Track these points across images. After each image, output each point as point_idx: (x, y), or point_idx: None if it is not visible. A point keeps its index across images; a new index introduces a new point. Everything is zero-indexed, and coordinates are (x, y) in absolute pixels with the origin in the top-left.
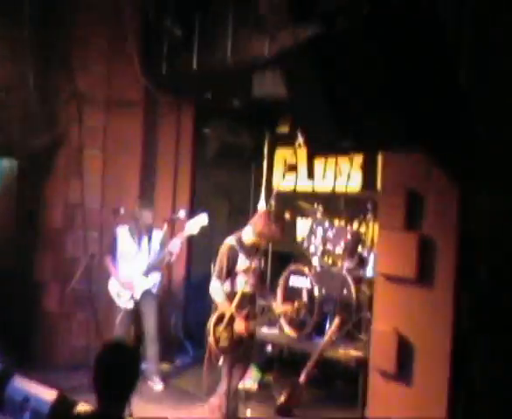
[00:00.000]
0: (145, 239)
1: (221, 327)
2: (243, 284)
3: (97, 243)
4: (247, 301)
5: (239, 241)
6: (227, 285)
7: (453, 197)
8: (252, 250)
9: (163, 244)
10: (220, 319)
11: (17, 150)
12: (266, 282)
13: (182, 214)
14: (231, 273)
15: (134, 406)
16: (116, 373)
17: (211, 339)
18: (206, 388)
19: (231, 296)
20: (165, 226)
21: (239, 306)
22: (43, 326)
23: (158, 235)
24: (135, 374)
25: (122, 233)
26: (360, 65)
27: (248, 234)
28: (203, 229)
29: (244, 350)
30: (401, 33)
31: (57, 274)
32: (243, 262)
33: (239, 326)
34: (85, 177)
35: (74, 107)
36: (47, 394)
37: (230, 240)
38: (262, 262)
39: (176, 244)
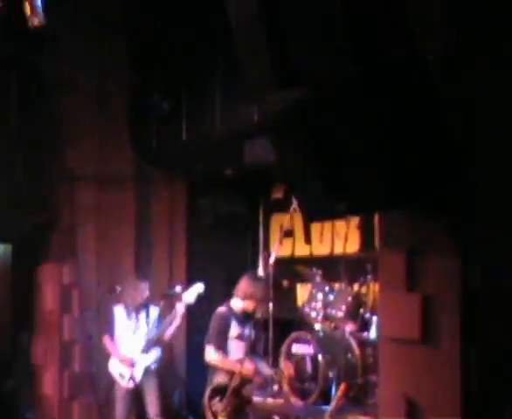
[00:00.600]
0: (142, 315)
1: (216, 400)
2: (238, 350)
3: (94, 323)
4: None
5: (230, 308)
6: (220, 353)
7: (454, 252)
8: (242, 318)
9: (161, 319)
10: (215, 391)
11: (10, 234)
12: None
13: (178, 289)
14: (224, 340)
15: None
16: None
17: (207, 414)
18: None
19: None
20: (161, 302)
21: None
22: (42, 412)
23: (155, 310)
24: None
25: (119, 311)
26: (351, 125)
27: (236, 301)
28: (200, 298)
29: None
30: (392, 91)
31: (54, 357)
32: (235, 329)
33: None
34: (79, 256)
35: (65, 186)
36: None
37: (221, 308)
38: (253, 331)
39: (175, 317)
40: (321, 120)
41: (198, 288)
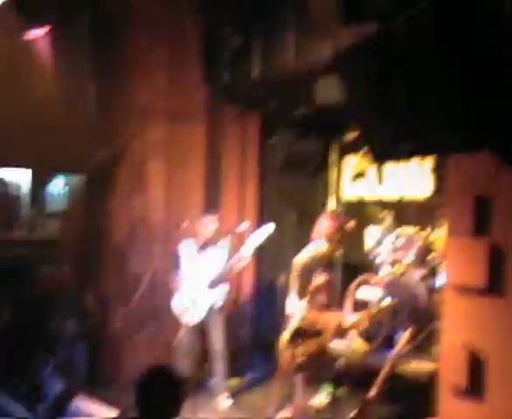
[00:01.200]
0: (210, 252)
1: (297, 342)
2: (320, 299)
3: (161, 257)
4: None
5: (313, 255)
6: (304, 302)
7: None
8: (323, 264)
9: (229, 257)
10: (295, 334)
11: (82, 166)
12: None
13: (246, 226)
14: (304, 290)
15: None
16: (157, 400)
17: (285, 355)
18: (276, 403)
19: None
20: (230, 238)
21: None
22: (108, 343)
23: (224, 247)
24: (177, 400)
25: (187, 247)
26: (421, 62)
27: (317, 246)
28: (270, 239)
29: (319, 367)
30: (467, 30)
31: (121, 289)
32: (318, 275)
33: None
34: (148, 191)
35: (136, 120)
36: (108, 415)
37: (302, 256)
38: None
39: (243, 255)
40: (391, 56)
41: (269, 228)
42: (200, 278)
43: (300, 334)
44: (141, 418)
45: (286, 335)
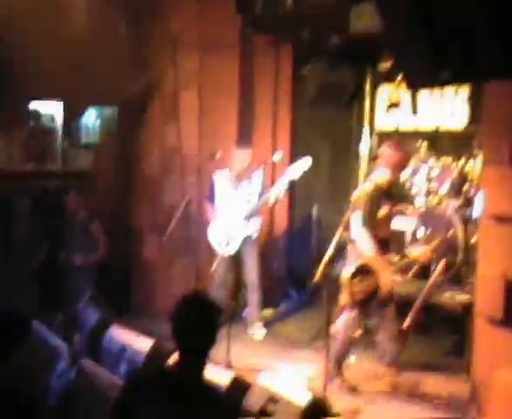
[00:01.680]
0: (244, 184)
1: (357, 279)
2: (383, 229)
3: (194, 188)
4: (385, 248)
5: (377, 184)
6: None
7: None
8: (388, 193)
9: (263, 189)
10: (360, 270)
11: (115, 97)
12: None
13: (280, 156)
14: (372, 220)
15: (234, 353)
16: (193, 327)
17: (345, 291)
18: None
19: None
20: (262, 169)
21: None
22: (142, 274)
23: (258, 179)
24: (213, 328)
25: (221, 178)
26: None
27: (381, 175)
28: (305, 172)
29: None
30: None
31: (155, 220)
32: (384, 206)
33: (386, 278)
34: (181, 121)
35: (169, 51)
36: (143, 344)
37: (368, 185)
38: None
39: (278, 189)
40: None
41: (305, 163)
42: (235, 210)
43: (363, 272)
44: (178, 346)
45: (347, 272)
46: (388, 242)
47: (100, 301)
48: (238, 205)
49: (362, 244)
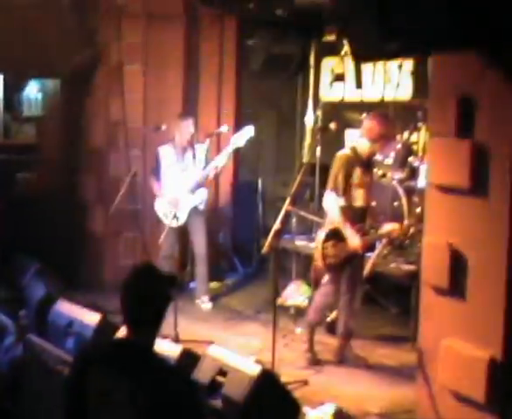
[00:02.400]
0: (189, 155)
1: (330, 243)
2: (358, 198)
3: (140, 161)
4: (360, 217)
5: (355, 152)
6: (342, 200)
7: (509, 100)
8: (366, 163)
9: (208, 160)
10: (331, 234)
11: (58, 70)
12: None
13: (225, 128)
14: (345, 186)
15: (181, 326)
16: (142, 298)
17: (317, 255)
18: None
19: (345, 210)
20: (208, 141)
21: (353, 222)
22: (88, 248)
23: (202, 150)
24: (163, 300)
25: (165, 151)
26: None
27: (363, 144)
28: (250, 141)
29: (352, 269)
30: None
31: (101, 194)
32: (359, 175)
33: (354, 242)
34: (126, 94)
35: (113, 22)
36: (91, 318)
37: (344, 152)
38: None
39: (223, 158)
40: None
41: (249, 131)
42: (180, 182)
43: (335, 236)
44: (127, 318)
45: (319, 236)
46: (364, 211)
47: (47, 275)
48: (183, 177)
49: (328, 209)
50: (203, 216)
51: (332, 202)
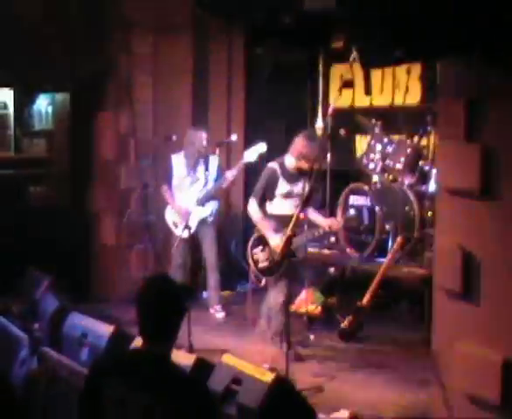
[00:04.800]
0: (201, 167)
1: (259, 249)
2: (282, 207)
3: (150, 172)
4: (287, 223)
5: (282, 165)
6: (267, 207)
7: None
8: (294, 176)
9: (220, 172)
10: (258, 240)
11: (68, 82)
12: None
13: (234, 137)
14: (271, 196)
15: (195, 336)
16: (157, 312)
17: (249, 260)
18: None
19: (270, 218)
20: (217, 150)
21: (278, 228)
22: (100, 260)
23: (214, 161)
24: (178, 312)
25: (177, 161)
26: None
27: (289, 159)
28: (261, 157)
29: (285, 270)
30: None
31: (112, 206)
32: (283, 186)
33: (273, 241)
34: (135, 106)
35: (122, 35)
36: (105, 330)
37: (272, 164)
38: (307, 186)
39: (234, 173)
40: None
41: (260, 147)
42: (191, 192)
43: (262, 241)
44: (143, 332)
45: (249, 243)
46: (288, 218)
47: (59, 288)
48: (193, 188)
49: (250, 213)
50: (212, 227)
51: (252, 207)
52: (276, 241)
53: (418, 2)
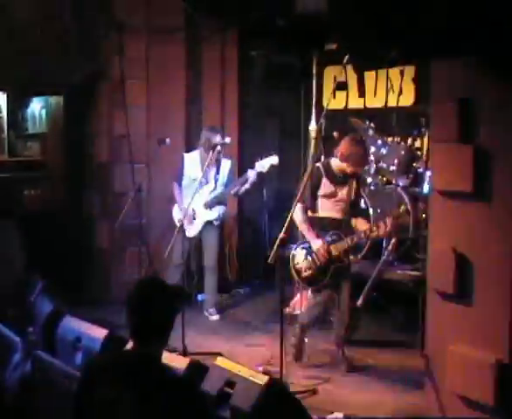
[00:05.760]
0: (213, 169)
1: (301, 257)
2: (325, 209)
3: (144, 174)
4: (332, 226)
5: (326, 165)
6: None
7: (510, 103)
8: (339, 178)
9: (232, 176)
10: (299, 248)
11: (61, 86)
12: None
13: (228, 140)
14: (314, 196)
15: (189, 338)
16: (146, 312)
17: (292, 271)
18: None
19: (313, 220)
20: (211, 153)
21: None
22: (94, 263)
23: (226, 165)
24: (168, 312)
25: (190, 160)
26: None
27: (335, 160)
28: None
29: (333, 276)
30: None
31: (106, 209)
32: (327, 187)
33: (315, 244)
34: (129, 108)
35: (115, 37)
36: (99, 333)
37: (317, 164)
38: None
39: (246, 181)
40: None
41: (273, 160)
42: (200, 194)
43: (303, 248)
44: (134, 334)
45: (291, 252)
46: (336, 221)
47: (53, 292)
48: (203, 190)
49: (294, 215)
50: (217, 231)
51: (297, 213)
52: (318, 245)
53: (411, 3)
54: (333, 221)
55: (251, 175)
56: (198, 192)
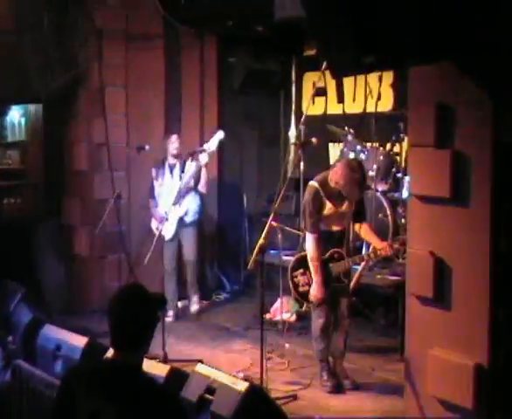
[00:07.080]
0: (177, 170)
1: (299, 271)
2: (328, 222)
3: (124, 182)
4: (334, 242)
5: (324, 184)
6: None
7: (486, 108)
8: (338, 194)
9: (199, 176)
10: (299, 262)
11: (40, 94)
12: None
13: (206, 146)
14: (319, 218)
15: (169, 345)
16: (126, 320)
17: (289, 282)
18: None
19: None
20: (190, 159)
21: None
22: (74, 271)
23: (192, 166)
24: (148, 321)
25: (158, 172)
26: None
27: (331, 180)
28: (221, 144)
29: (331, 295)
30: None
31: (85, 216)
32: (329, 207)
33: (317, 293)
34: (108, 116)
35: (93, 45)
36: (79, 341)
37: (313, 183)
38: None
39: (200, 166)
40: None
41: (219, 135)
42: (170, 196)
43: (303, 263)
44: (114, 343)
45: (290, 265)
46: (337, 236)
47: (33, 300)
48: (172, 191)
49: (307, 246)
50: (193, 229)
51: (311, 244)
52: (318, 294)
53: (387, 10)
54: (336, 233)
55: (203, 159)
56: (169, 196)
